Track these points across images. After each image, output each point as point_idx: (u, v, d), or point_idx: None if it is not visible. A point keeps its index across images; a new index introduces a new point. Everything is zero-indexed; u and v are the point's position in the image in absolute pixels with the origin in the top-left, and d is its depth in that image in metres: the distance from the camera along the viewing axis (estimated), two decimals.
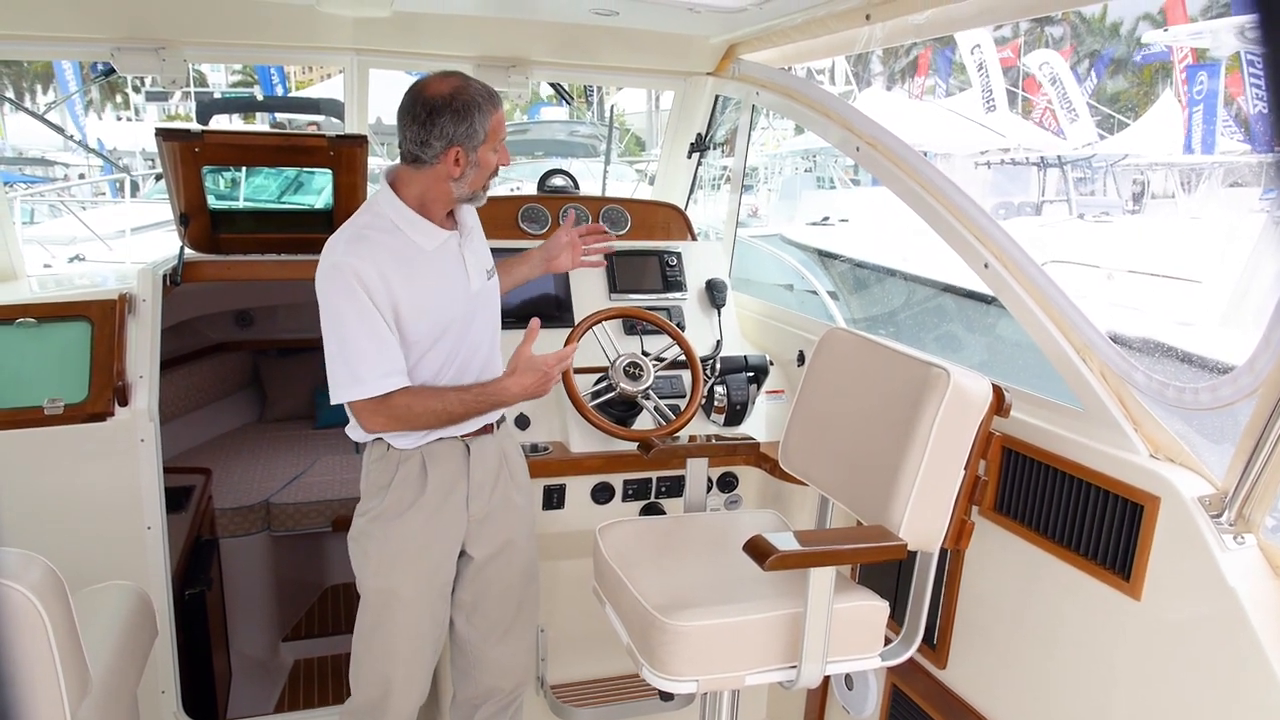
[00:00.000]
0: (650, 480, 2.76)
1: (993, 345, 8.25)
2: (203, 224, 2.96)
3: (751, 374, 2.84)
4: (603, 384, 2.68)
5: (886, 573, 2.32)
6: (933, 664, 2.24)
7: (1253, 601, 1.53)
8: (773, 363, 2.93)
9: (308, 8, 2.54)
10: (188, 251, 2.94)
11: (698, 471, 2.40)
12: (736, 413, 2.81)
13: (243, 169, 3.48)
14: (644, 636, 1.81)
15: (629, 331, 2.89)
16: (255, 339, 4.68)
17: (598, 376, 2.73)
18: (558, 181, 3.32)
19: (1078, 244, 10.43)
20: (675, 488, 2.76)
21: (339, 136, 2.88)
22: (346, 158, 2.89)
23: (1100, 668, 1.80)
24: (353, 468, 3.96)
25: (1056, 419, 1.98)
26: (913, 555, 1.91)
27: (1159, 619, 1.69)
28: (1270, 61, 0.53)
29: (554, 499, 2.68)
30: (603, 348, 2.65)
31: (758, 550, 1.66)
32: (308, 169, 3.41)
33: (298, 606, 3.94)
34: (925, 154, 2.39)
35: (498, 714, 2.36)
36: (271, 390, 4.73)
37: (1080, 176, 16.62)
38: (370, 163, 3.03)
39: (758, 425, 2.88)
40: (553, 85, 3.86)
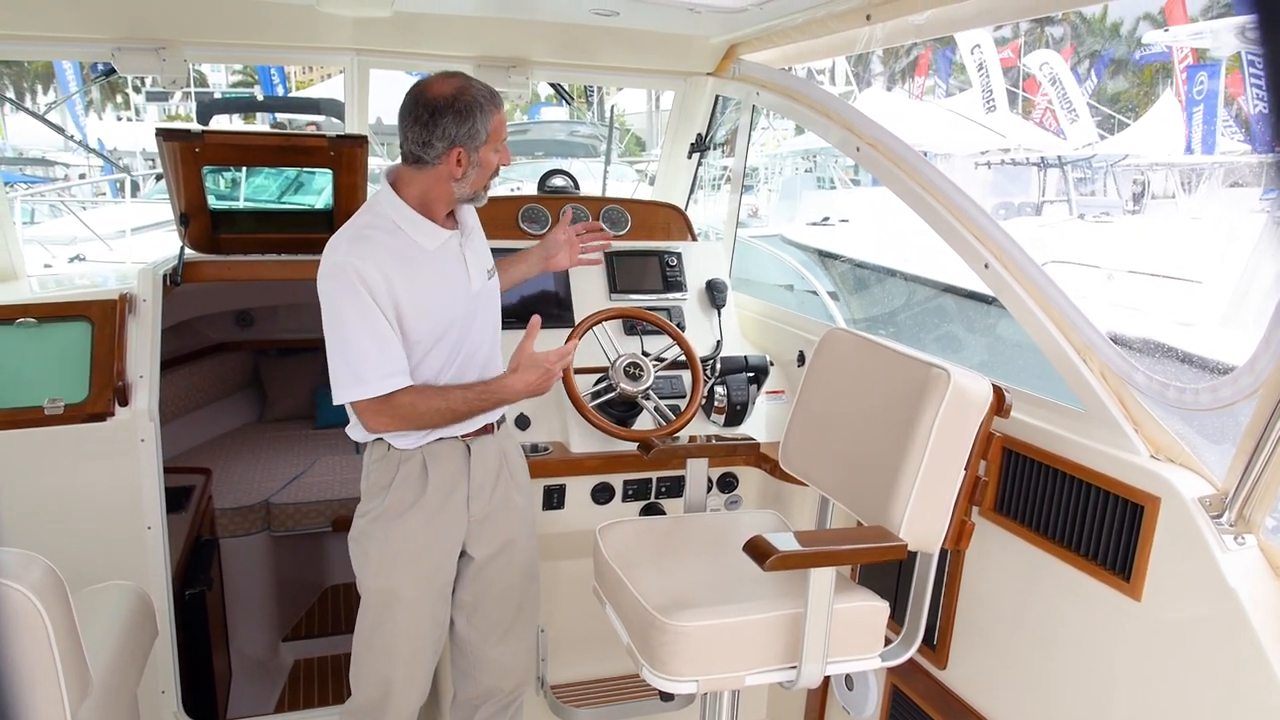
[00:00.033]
0: (650, 480, 2.76)
1: (993, 346, 8.24)
2: (203, 224, 2.96)
3: (752, 374, 2.84)
4: (603, 384, 2.68)
5: (886, 573, 2.32)
6: (933, 664, 2.24)
7: (1253, 602, 1.53)
8: (773, 363, 2.93)
9: (308, 8, 2.54)
10: (188, 251, 2.95)
11: (698, 472, 2.40)
12: (737, 413, 2.81)
13: (243, 169, 3.48)
14: (644, 637, 1.81)
15: (629, 332, 2.89)
16: (255, 339, 4.68)
17: (598, 377, 2.73)
18: (558, 182, 3.32)
19: (1078, 244, 10.43)
20: (675, 488, 2.76)
21: (339, 137, 2.88)
22: (347, 158, 2.89)
23: (1100, 668, 1.80)
24: (353, 468, 3.96)
25: (1057, 419, 1.98)
26: (913, 556, 1.91)
27: (1159, 619, 1.69)
28: (1270, 61, 0.53)
29: (554, 499, 2.68)
30: (603, 348, 2.65)
31: (758, 550, 1.67)
32: (308, 169, 3.41)
33: (298, 606, 3.94)
34: (925, 154, 2.39)
35: (498, 714, 2.37)
36: (272, 390, 4.73)
37: (1080, 177, 16.61)
38: (370, 163, 3.03)
39: (758, 426, 2.88)
40: (553, 85, 3.85)
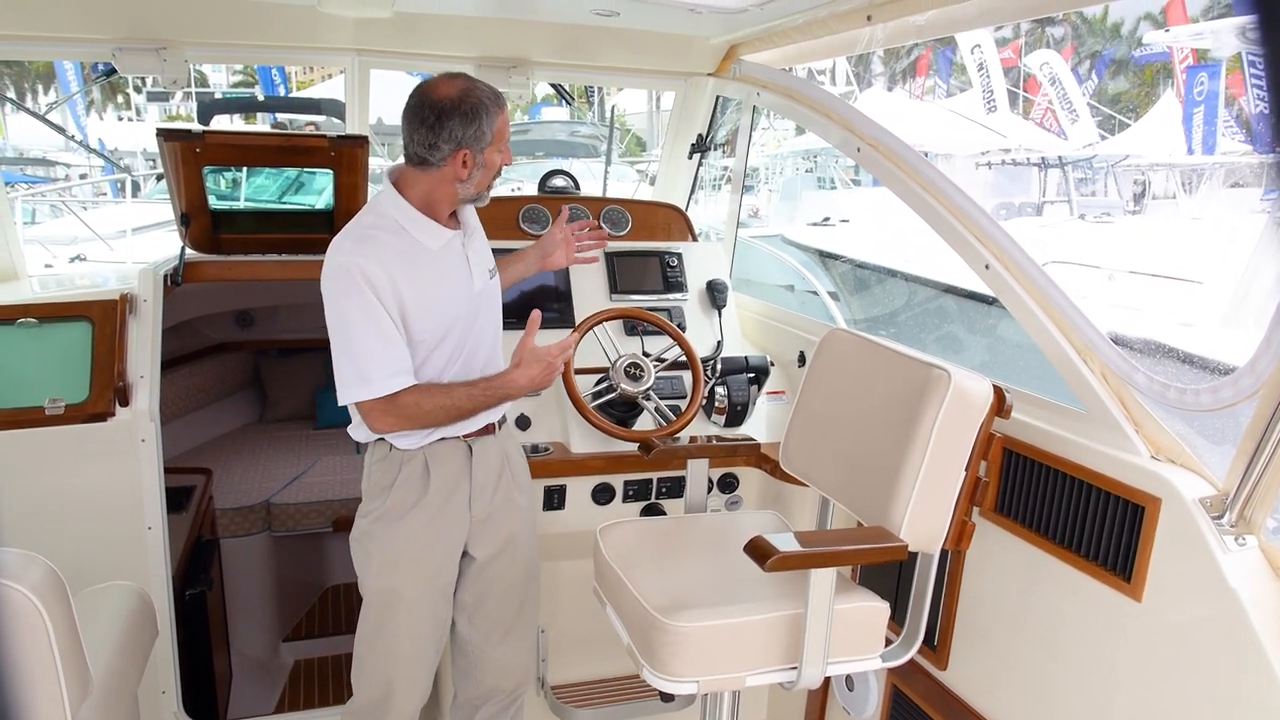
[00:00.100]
0: (651, 481, 2.76)
1: (994, 346, 8.25)
2: (204, 224, 2.95)
3: (752, 375, 2.84)
4: (603, 384, 2.68)
5: (887, 574, 2.32)
6: (933, 665, 2.24)
7: (1254, 603, 1.53)
8: (773, 363, 2.93)
9: (309, 8, 2.54)
10: (189, 252, 2.95)
11: (698, 472, 2.40)
12: (737, 413, 2.81)
13: (244, 169, 3.48)
14: (644, 637, 1.81)
15: (630, 332, 2.89)
16: (256, 339, 4.68)
17: (598, 377, 2.73)
18: (559, 182, 3.32)
19: (1079, 245, 10.43)
20: (676, 488, 2.76)
21: (340, 137, 2.88)
22: (347, 158, 2.89)
23: (1101, 669, 1.80)
24: (353, 468, 3.96)
25: (1057, 420, 1.98)
26: (913, 556, 1.90)
27: (1160, 620, 1.68)
28: (1271, 62, 0.53)
29: (555, 500, 2.68)
30: (603, 348, 2.65)
31: (758, 551, 1.66)
32: (309, 169, 3.42)
33: (298, 607, 3.94)
34: (926, 155, 2.39)
35: (498, 714, 2.37)
36: (272, 390, 4.73)
37: (1081, 177, 16.61)
38: (370, 163, 3.03)
39: (758, 426, 2.88)
40: (553, 86, 3.85)
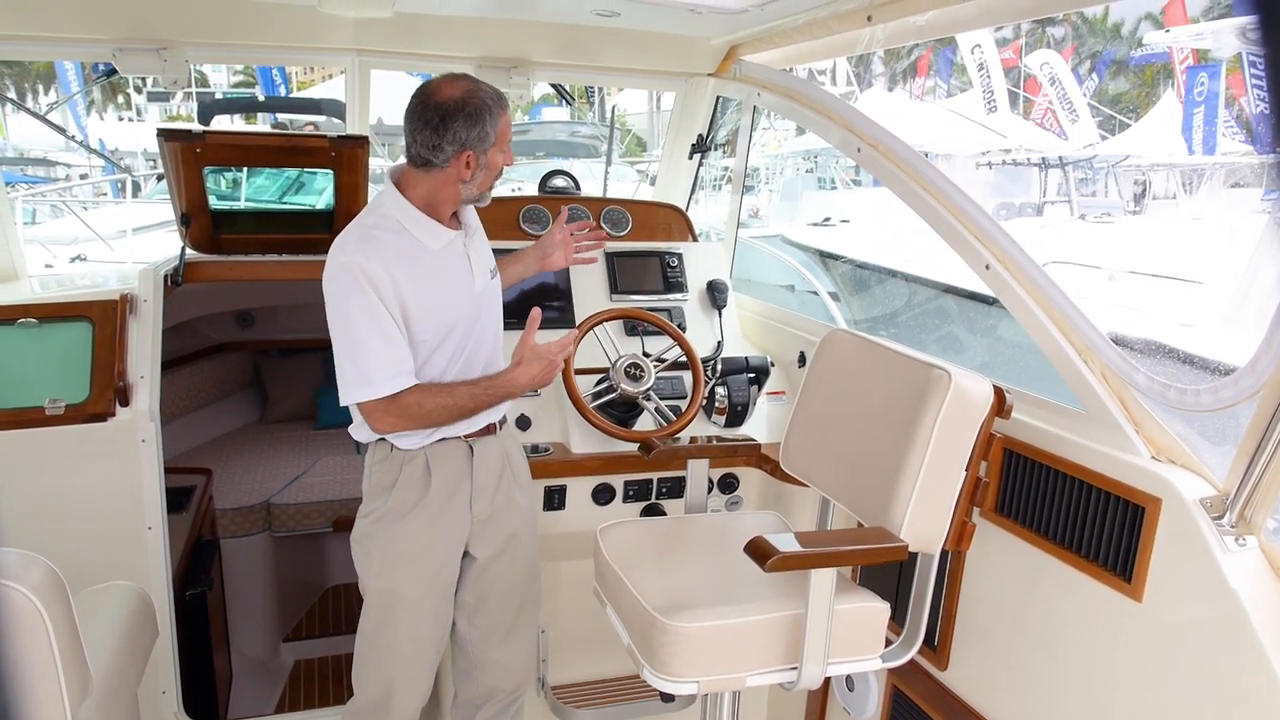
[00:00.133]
0: (651, 481, 2.76)
1: (994, 347, 8.25)
2: (204, 224, 2.95)
3: (752, 375, 2.84)
4: (604, 385, 2.68)
5: (887, 574, 2.32)
6: (934, 665, 2.24)
7: (1254, 603, 1.53)
8: (774, 364, 2.93)
9: (309, 8, 2.54)
10: (189, 252, 2.95)
11: (698, 473, 2.39)
12: (737, 414, 2.81)
13: (244, 169, 3.48)
14: (645, 637, 1.81)
15: (630, 332, 2.89)
16: (256, 339, 4.68)
17: (599, 377, 2.73)
18: (559, 182, 3.32)
19: (1079, 245, 10.44)
20: (676, 489, 2.76)
21: (340, 137, 2.88)
22: (348, 158, 2.89)
23: (1101, 669, 1.80)
24: (354, 468, 3.96)
25: (1058, 420, 1.98)
26: (913, 557, 1.90)
27: (1160, 621, 1.68)
28: (1271, 62, 0.53)
29: (555, 500, 2.68)
30: (604, 348, 2.65)
31: (759, 551, 1.66)
32: (309, 170, 3.42)
33: (298, 607, 3.94)
34: (926, 155, 2.39)
35: (499, 714, 2.37)
36: (272, 391, 4.74)
37: (1081, 177, 16.61)
38: (370, 163, 3.03)
39: (759, 426, 2.88)
40: (554, 86, 3.86)
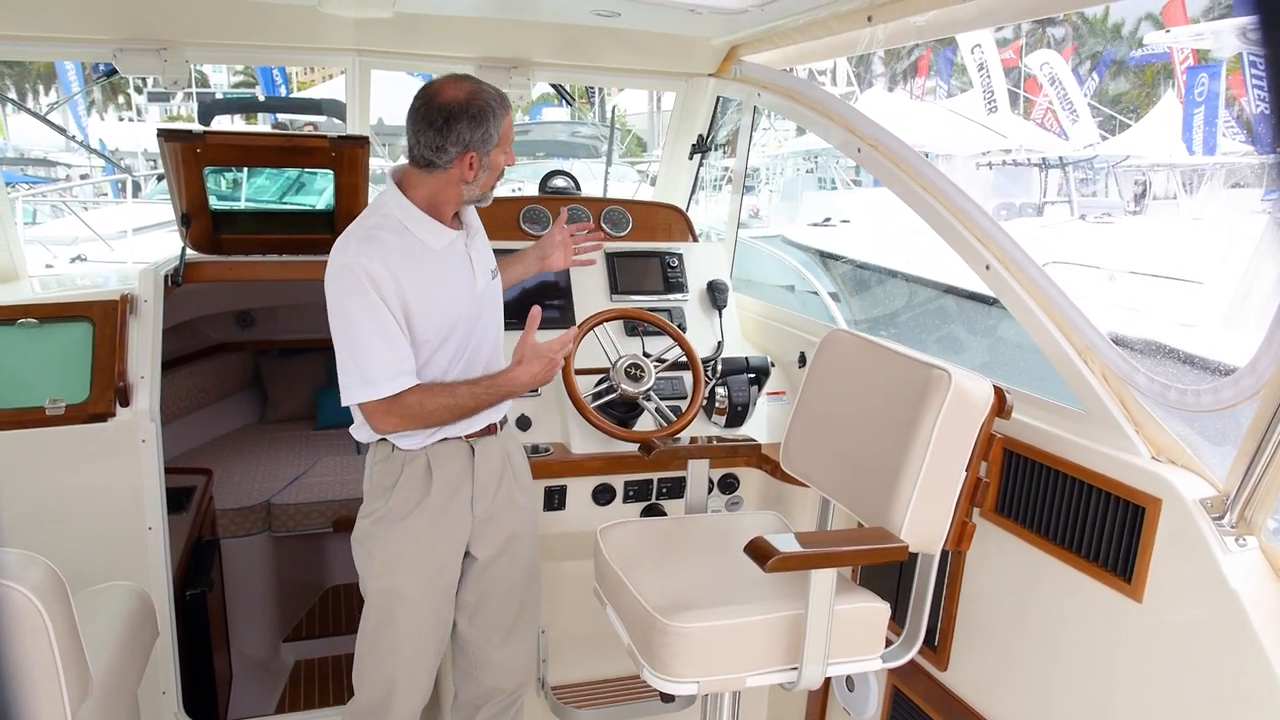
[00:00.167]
0: (651, 481, 2.76)
1: (994, 347, 8.26)
2: (204, 224, 2.96)
3: (753, 375, 2.84)
4: (604, 385, 2.68)
5: (887, 574, 2.32)
6: (934, 666, 2.24)
7: (1254, 604, 1.53)
8: (774, 364, 2.93)
9: (309, 9, 2.54)
10: (189, 252, 2.95)
11: (699, 473, 2.40)
12: (738, 414, 2.81)
13: (244, 170, 3.48)
14: (645, 638, 1.81)
15: (630, 333, 2.89)
16: (256, 339, 4.68)
17: (599, 378, 2.73)
18: (559, 182, 3.32)
19: (1079, 245, 10.44)
20: (676, 489, 2.76)
21: (340, 137, 2.88)
22: (348, 159, 2.89)
23: (1102, 670, 1.80)
24: (354, 468, 3.96)
25: (1058, 421, 1.98)
26: (914, 557, 1.90)
27: (1160, 621, 1.68)
28: (1271, 62, 0.53)
29: (555, 500, 2.68)
30: (604, 349, 2.65)
31: (759, 552, 1.66)
32: (309, 170, 3.42)
33: (299, 607, 3.94)
34: (926, 155, 2.39)
35: (499, 715, 2.37)
36: (273, 391, 4.74)
37: (1082, 177, 16.61)
38: (371, 164, 3.03)
39: (759, 427, 2.88)
40: (554, 86, 3.86)
